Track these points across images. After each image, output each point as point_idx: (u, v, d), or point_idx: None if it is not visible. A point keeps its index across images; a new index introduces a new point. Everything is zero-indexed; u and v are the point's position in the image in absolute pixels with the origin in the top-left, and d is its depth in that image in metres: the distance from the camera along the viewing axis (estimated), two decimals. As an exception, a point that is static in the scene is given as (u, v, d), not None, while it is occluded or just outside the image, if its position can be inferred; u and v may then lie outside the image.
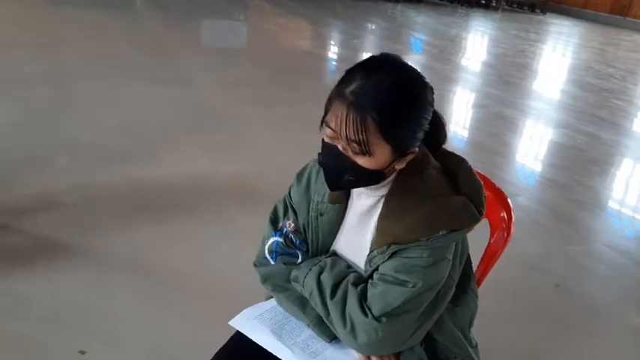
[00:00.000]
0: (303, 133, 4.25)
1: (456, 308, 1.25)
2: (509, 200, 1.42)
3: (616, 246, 3.11)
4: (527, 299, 2.55)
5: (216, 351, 1.29)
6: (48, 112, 4.04)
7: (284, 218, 1.34)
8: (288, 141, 3.97)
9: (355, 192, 1.23)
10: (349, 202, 1.25)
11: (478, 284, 1.36)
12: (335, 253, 1.30)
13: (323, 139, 1.13)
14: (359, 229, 1.24)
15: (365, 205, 1.21)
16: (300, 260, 1.31)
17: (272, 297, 1.41)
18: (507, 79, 6.97)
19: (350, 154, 1.08)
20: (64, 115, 4.02)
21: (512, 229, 1.39)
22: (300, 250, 1.32)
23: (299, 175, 1.33)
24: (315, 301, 1.23)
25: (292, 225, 1.32)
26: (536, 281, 2.68)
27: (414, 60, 5.45)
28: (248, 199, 3.10)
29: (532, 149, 4.72)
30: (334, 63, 7.00)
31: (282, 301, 1.30)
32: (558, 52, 10.22)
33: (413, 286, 1.12)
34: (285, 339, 1.23)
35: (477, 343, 1.31)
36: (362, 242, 1.24)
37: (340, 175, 1.12)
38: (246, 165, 3.54)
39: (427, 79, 1.11)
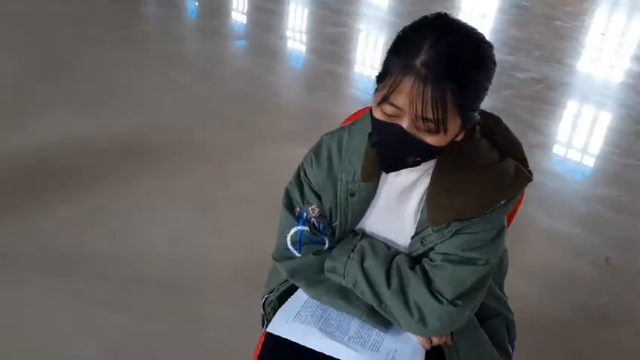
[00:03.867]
0: (177, 70, 3.92)
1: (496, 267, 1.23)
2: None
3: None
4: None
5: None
6: None
7: (303, 203, 1.18)
8: (168, 82, 3.59)
9: None
10: (381, 178, 1.14)
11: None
12: (364, 233, 1.19)
13: (375, 117, 0.99)
14: (397, 206, 1.13)
15: (406, 181, 1.10)
16: (327, 246, 1.18)
17: (284, 284, 1.28)
18: None
19: (417, 132, 0.95)
20: None
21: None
22: (326, 235, 1.19)
23: (316, 155, 1.17)
24: (362, 290, 1.12)
25: (317, 210, 1.17)
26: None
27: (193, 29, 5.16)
28: (148, 157, 2.77)
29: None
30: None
31: (322, 295, 1.17)
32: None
33: (485, 263, 1.06)
34: (337, 336, 1.12)
35: (507, 297, 1.32)
36: (401, 220, 1.14)
37: (404, 157, 0.99)
38: (131, 118, 3.14)
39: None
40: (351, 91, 4.00)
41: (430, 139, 0.96)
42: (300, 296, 1.22)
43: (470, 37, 0.94)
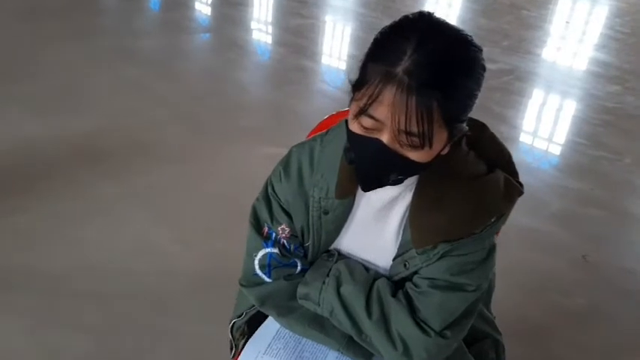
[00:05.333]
0: (134, 67, 3.72)
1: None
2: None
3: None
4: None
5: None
6: None
7: (272, 222, 1.06)
8: (124, 80, 3.40)
9: None
10: (358, 193, 1.03)
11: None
12: (339, 253, 1.08)
13: (351, 131, 0.88)
14: (376, 224, 1.03)
15: (386, 197, 0.99)
16: (299, 269, 1.07)
17: (253, 308, 1.17)
18: None
19: (399, 147, 0.85)
20: None
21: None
22: (298, 257, 1.08)
23: (285, 169, 1.05)
24: (340, 320, 1.02)
25: (287, 230, 1.06)
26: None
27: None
28: (105, 161, 2.60)
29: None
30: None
31: (294, 325, 1.06)
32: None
33: (475, 289, 0.96)
34: None
35: (495, 317, 1.23)
36: (381, 239, 1.03)
37: (385, 175, 0.88)
38: (85, 119, 2.95)
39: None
40: (318, 86, 3.88)
41: (414, 155, 0.85)
42: (271, 325, 1.11)
43: (457, 39, 0.84)
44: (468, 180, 0.96)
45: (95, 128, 2.85)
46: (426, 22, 0.84)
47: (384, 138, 0.84)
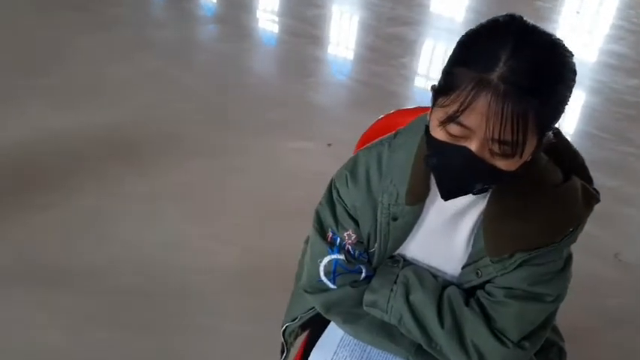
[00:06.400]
0: (155, 59, 3.67)
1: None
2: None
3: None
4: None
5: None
6: None
7: (337, 228, 1.04)
8: (146, 71, 3.36)
9: None
10: (427, 201, 1.00)
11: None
12: (403, 259, 1.06)
13: (435, 138, 0.85)
14: (446, 231, 1.00)
15: (458, 205, 0.97)
16: (364, 275, 1.05)
17: (309, 312, 1.16)
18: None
19: (488, 156, 0.82)
20: None
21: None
22: (362, 263, 1.05)
23: (352, 174, 1.02)
24: (409, 328, 1.00)
25: (353, 236, 1.03)
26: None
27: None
28: (133, 155, 2.57)
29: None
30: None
31: (361, 332, 1.04)
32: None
33: (554, 300, 0.94)
34: None
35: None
36: (450, 247, 1.01)
37: (470, 184, 0.86)
38: (110, 111, 2.91)
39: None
40: (335, 77, 3.83)
41: (502, 164, 0.82)
42: (335, 332, 1.09)
43: (551, 44, 0.81)
44: (547, 188, 0.93)
45: (121, 121, 2.81)
46: (519, 27, 0.81)
47: (473, 146, 0.81)
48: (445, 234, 1.01)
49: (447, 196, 0.89)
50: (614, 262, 2.29)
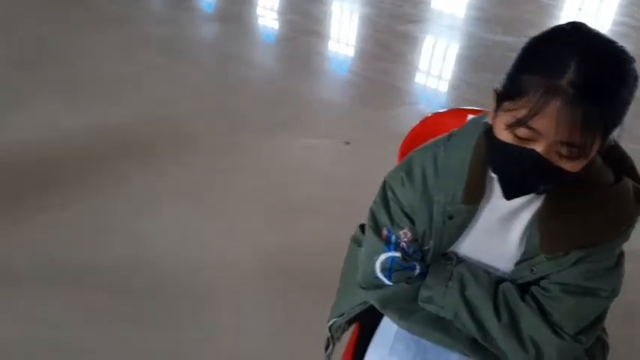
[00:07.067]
0: (162, 56, 3.68)
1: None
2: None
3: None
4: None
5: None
6: None
7: (392, 226, 1.07)
8: (154, 69, 3.37)
9: (498, 187, 1.02)
10: (482, 200, 1.04)
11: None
12: (456, 256, 1.10)
13: (500, 140, 0.88)
14: (500, 229, 1.04)
15: (513, 204, 1.00)
16: (418, 272, 1.09)
17: (356, 308, 1.19)
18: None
19: (555, 158, 0.86)
20: None
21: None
22: (416, 259, 1.09)
23: (408, 174, 1.05)
24: (465, 323, 1.04)
25: (409, 234, 1.07)
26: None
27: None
28: (139, 151, 2.60)
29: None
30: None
31: (416, 327, 1.07)
32: None
33: (609, 295, 0.98)
34: None
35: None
36: (504, 244, 1.05)
37: (534, 184, 0.89)
38: (120, 109, 2.93)
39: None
40: (341, 73, 3.86)
41: (568, 165, 0.86)
42: (389, 327, 1.13)
43: (616, 50, 0.84)
44: (602, 188, 0.97)
45: (132, 119, 2.84)
46: (584, 34, 0.84)
47: (540, 148, 0.85)
48: (498, 232, 1.04)
49: (510, 196, 0.93)
50: (632, 258, 2.33)
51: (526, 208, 1.01)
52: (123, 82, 3.20)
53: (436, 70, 3.99)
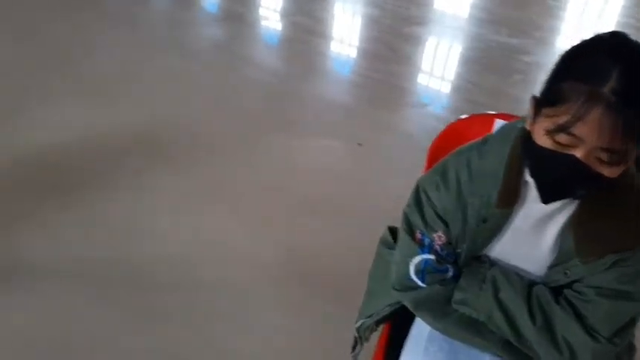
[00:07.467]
0: (175, 57, 3.69)
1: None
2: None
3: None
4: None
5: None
6: None
7: (426, 229, 1.09)
8: (170, 70, 3.39)
9: (532, 191, 1.03)
10: (517, 204, 1.05)
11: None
12: (488, 259, 1.12)
13: (540, 145, 0.90)
14: (534, 233, 1.06)
15: (547, 208, 1.01)
16: (451, 274, 1.10)
17: (385, 309, 1.21)
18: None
19: (594, 164, 0.87)
20: None
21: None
22: (449, 262, 1.10)
23: (443, 178, 1.07)
24: (499, 325, 1.05)
25: (443, 237, 1.08)
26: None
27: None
28: (159, 151, 2.62)
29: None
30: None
31: (450, 329, 1.09)
32: None
33: None
34: None
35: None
36: (537, 248, 1.06)
37: (573, 190, 0.91)
38: (139, 110, 2.94)
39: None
40: (346, 74, 3.88)
41: (607, 171, 0.88)
42: (421, 328, 1.14)
43: None
44: (634, 192, 0.99)
45: (147, 118, 2.86)
46: (625, 43, 0.86)
47: (579, 154, 0.86)
48: (532, 236, 1.06)
49: (548, 200, 0.95)
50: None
51: (560, 213, 1.03)
52: (140, 84, 3.21)
53: (441, 71, 4.00)
